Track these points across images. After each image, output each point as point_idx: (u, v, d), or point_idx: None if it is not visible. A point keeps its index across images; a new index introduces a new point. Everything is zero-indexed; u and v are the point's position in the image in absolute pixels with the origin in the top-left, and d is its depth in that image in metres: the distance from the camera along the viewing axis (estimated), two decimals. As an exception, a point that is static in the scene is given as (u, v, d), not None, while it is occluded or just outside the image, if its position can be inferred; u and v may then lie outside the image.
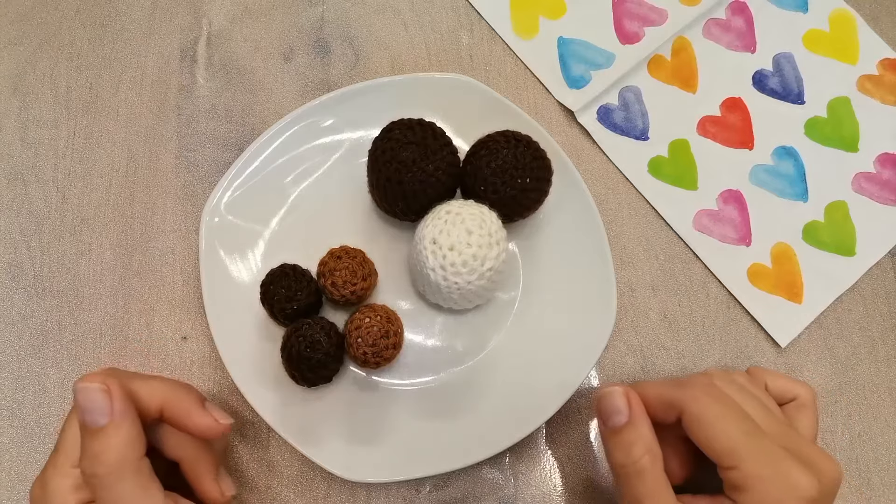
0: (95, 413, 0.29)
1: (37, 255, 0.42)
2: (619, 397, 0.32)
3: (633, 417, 0.31)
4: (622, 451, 0.31)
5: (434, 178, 0.37)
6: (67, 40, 0.46)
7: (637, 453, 0.31)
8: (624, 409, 0.32)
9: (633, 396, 0.32)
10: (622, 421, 0.31)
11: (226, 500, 0.33)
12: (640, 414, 0.32)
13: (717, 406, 0.30)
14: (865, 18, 0.48)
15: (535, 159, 0.37)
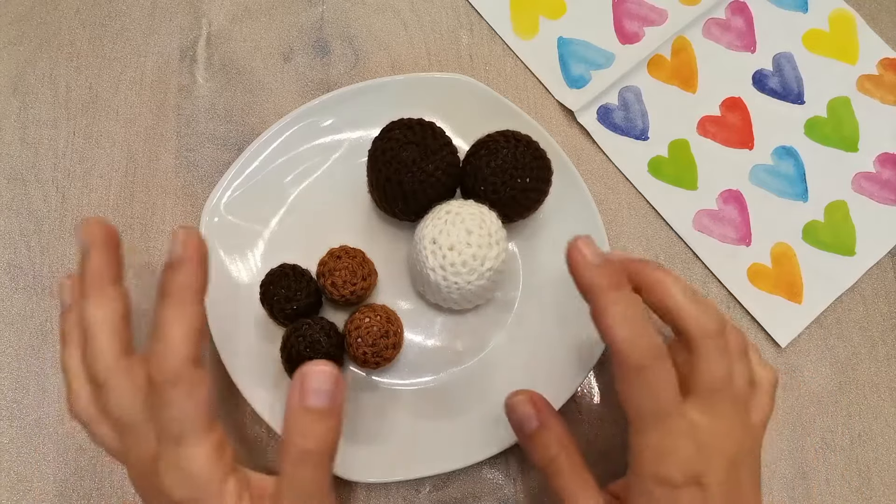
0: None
1: (36, 255, 0.42)
2: (527, 405, 0.33)
3: (542, 420, 0.33)
4: (538, 454, 0.33)
5: (434, 178, 0.37)
6: (67, 40, 0.46)
7: (552, 452, 0.32)
8: (533, 415, 0.33)
9: (539, 400, 0.34)
10: (534, 426, 0.33)
11: None
12: (549, 415, 0.33)
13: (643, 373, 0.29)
14: (865, 18, 0.48)
15: (535, 159, 0.37)
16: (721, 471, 0.29)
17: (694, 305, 0.30)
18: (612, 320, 0.28)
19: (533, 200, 0.38)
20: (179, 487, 0.28)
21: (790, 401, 0.41)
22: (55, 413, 0.40)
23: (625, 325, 0.28)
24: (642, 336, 0.28)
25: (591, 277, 0.29)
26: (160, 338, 0.28)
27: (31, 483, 0.39)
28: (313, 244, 0.39)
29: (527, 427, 0.33)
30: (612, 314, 0.28)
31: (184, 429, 0.28)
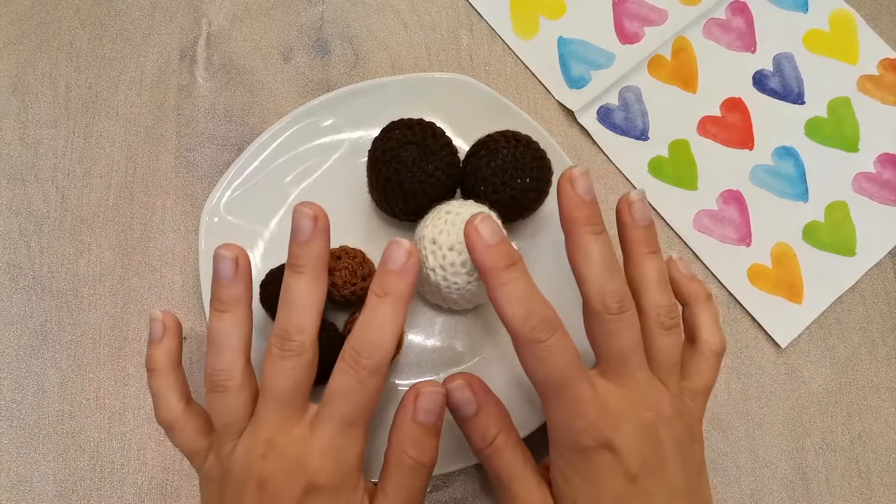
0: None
1: (36, 255, 0.42)
2: (464, 389, 0.33)
3: (480, 404, 0.33)
4: (477, 436, 0.33)
5: (434, 178, 0.37)
6: (67, 40, 0.46)
7: (490, 435, 0.32)
8: (471, 399, 0.33)
9: (477, 383, 0.33)
10: (472, 410, 0.33)
11: None
12: (486, 399, 0.33)
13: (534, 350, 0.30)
14: (865, 18, 0.48)
15: (535, 159, 0.37)
16: (633, 436, 0.29)
17: (600, 277, 0.31)
18: (502, 299, 0.29)
19: (533, 200, 0.38)
20: (329, 471, 0.29)
21: (790, 401, 0.41)
22: (55, 413, 0.40)
23: (512, 303, 0.29)
24: (532, 312, 0.29)
25: (483, 258, 0.30)
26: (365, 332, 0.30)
27: (31, 483, 0.39)
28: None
29: (465, 411, 0.33)
30: (501, 294, 0.29)
31: (357, 417, 0.30)
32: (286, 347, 0.30)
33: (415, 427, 0.31)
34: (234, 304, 0.31)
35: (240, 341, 0.31)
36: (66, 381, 0.40)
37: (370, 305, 0.30)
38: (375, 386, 0.30)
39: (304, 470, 0.29)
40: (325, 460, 0.29)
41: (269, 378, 0.30)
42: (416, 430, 0.31)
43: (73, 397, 0.40)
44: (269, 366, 0.30)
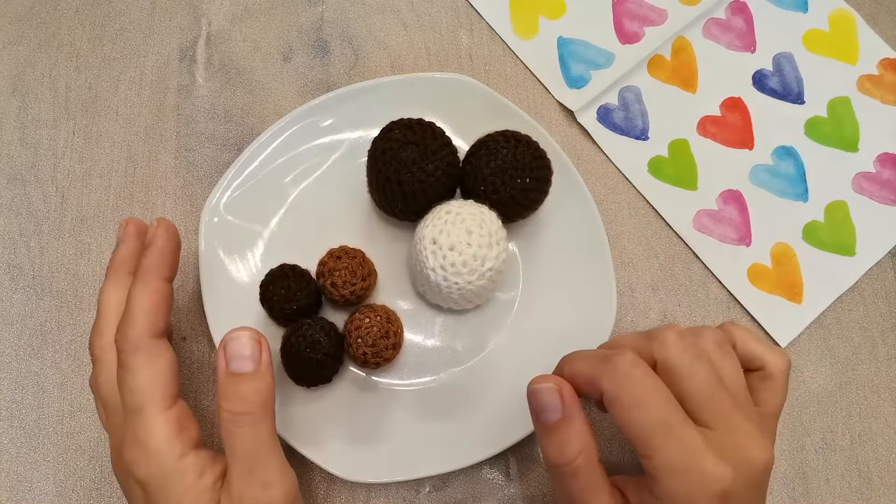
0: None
1: (36, 255, 0.42)
2: (552, 393, 0.30)
3: (566, 413, 0.30)
4: (556, 450, 0.30)
5: (434, 178, 0.37)
6: (67, 40, 0.46)
7: (571, 453, 0.29)
8: (557, 406, 0.30)
9: (567, 390, 0.30)
10: (556, 417, 0.30)
11: None
12: (574, 409, 0.30)
13: (637, 390, 0.28)
14: (865, 18, 0.48)
15: (535, 159, 0.37)
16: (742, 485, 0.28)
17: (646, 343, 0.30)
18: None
19: (533, 200, 0.38)
20: (138, 462, 0.29)
21: (790, 401, 0.41)
22: (55, 413, 0.40)
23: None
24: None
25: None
26: (126, 311, 0.31)
27: (31, 483, 0.39)
28: (313, 244, 0.39)
29: (547, 417, 0.30)
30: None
31: (143, 399, 0.30)
32: (121, 353, 0.31)
33: (228, 378, 0.30)
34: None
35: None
36: (66, 381, 0.40)
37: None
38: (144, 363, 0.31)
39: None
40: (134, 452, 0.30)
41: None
42: (231, 380, 0.30)
43: (73, 397, 0.40)
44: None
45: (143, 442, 0.29)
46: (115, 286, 0.33)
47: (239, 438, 0.30)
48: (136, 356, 0.30)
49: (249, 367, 0.30)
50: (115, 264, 0.34)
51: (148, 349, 0.31)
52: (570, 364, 0.31)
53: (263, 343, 0.31)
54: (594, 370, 0.30)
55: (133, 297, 0.32)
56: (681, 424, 0.28)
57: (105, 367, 0.32)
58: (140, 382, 0.30)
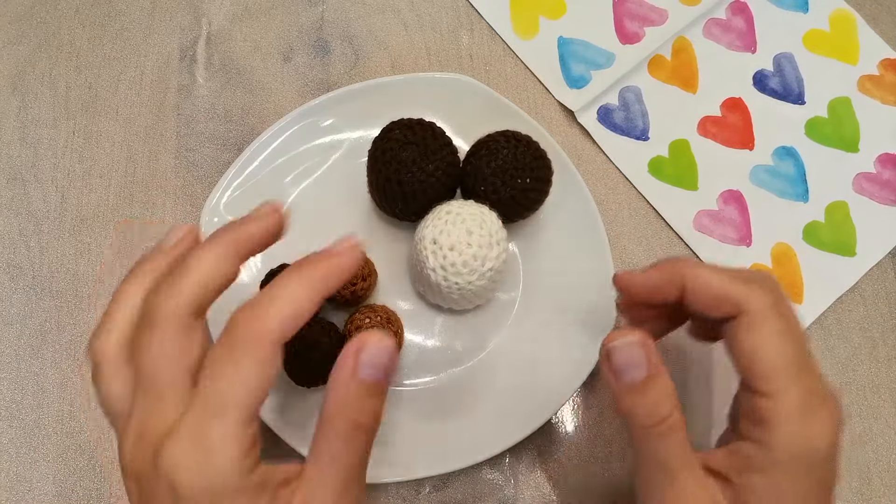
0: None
1: (36, 255, 0.42)
2: (636, 348, 0.28)
3: (654, 370, 0.27)
4: (647, 410, 0.27)
5: (434, 178, 0.37)
6: (67, 40, 0.46)
7: (665, 410, 0.27)
8: (643, 362, 0.27)
9: (650, 346, 0.28)
10: (642, 375, 0.27)
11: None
12: (661, 365, 0.28)
13: (779, 322, 0.27)
14: (866, 18, 0.48)
15: (535, 159, 0.37)
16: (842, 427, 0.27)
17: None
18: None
19: (533, 200, 0.38)
20: (191, 471, 0.23)
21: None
22: (55, 413, 0.40)
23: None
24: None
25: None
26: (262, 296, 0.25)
27: (30, 483, 0.39)
28: (313, 244, 0.39)
29: (632, 376, 0.27)
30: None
31: (227, 404, 0.24)
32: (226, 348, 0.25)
33: (354, 385, 0.26)
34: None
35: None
36: (66, 381, 0.40)
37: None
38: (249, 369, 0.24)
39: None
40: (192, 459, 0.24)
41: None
42: (356, 388, 0.26)
43: (73, 397, 0.40)
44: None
45: (207, 449, 0.23)
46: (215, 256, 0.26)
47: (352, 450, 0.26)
48: (246, 349, 0.24)
49: (382, 377, 0.27)
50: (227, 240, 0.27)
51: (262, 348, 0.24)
52: (698, 273, 0.28)
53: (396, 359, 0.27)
54: (736, 287, 0.28)
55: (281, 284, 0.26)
56: (808, 374, 0.27)
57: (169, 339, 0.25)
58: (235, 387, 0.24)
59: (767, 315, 0.27)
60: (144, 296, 0.26)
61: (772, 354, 0.26)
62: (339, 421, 0.26)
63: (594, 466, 0.40)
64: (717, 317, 0.28)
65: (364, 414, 0.26)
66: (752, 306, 0.27)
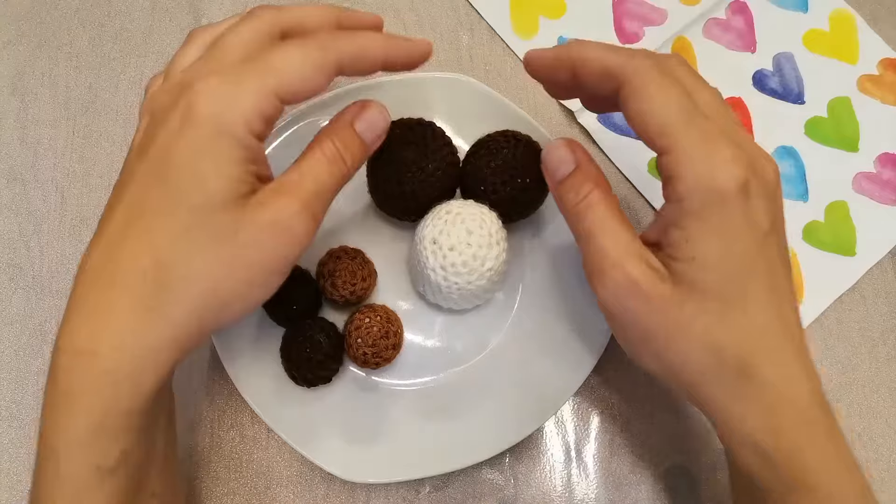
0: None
1: (36, 255, 0.42)
2: (563, 148, 0.32)
3: (580, 163, 0.31)
4: (571, 193, 0.31)
5: (434, 178, 0.37)
6: (66, 40, 0.46)
7: (586, 189, 0.30)
8: (569, 158, 0.31)
9: (577, 146, 0.32)
10: (570, 169, 0.31)
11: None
12: (586, 159, 0.31)
13: (661, 79, 0.28)
14: (865, 18, 0.48)
15: (536, 159, 0.37)
16: (761, 191, 0.28)
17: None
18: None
19: (533, 200, 0.38)
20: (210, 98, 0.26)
21: (790, 401, 0.41)
22: (55, 413, 0.40)
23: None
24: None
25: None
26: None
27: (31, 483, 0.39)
28: (313, 244, 0.39)
29: (562, 171, 0.31)
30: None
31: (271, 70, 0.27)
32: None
33: (348, 130, 0.30)
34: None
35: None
36: (66, 382, 0.40)
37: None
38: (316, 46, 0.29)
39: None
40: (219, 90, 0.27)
41: None
42: (349, 133, 0.30)
43: (72, 397, 0.40)
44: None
45: (235, 90, 0.27)
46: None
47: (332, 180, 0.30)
48: (309, 48, 0.28)
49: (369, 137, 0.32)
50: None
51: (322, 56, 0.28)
52: (584, 49, 0.30)
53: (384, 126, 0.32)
54: (616, 58, 0.29)
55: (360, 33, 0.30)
56: (703, 118, 0.27)
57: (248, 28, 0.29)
58: (288, 59, 0.27)
59: (647, 77, 0.28)
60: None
61: (658, 111, 0.27)
62: (327, 143, 0.30)
63: (595, 467, 0.40)
64: (608, 92, 0.29)
65: (348, 149, 0.30)
66: (630, 72, 0.28)
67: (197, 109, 0.26)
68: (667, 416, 0.40)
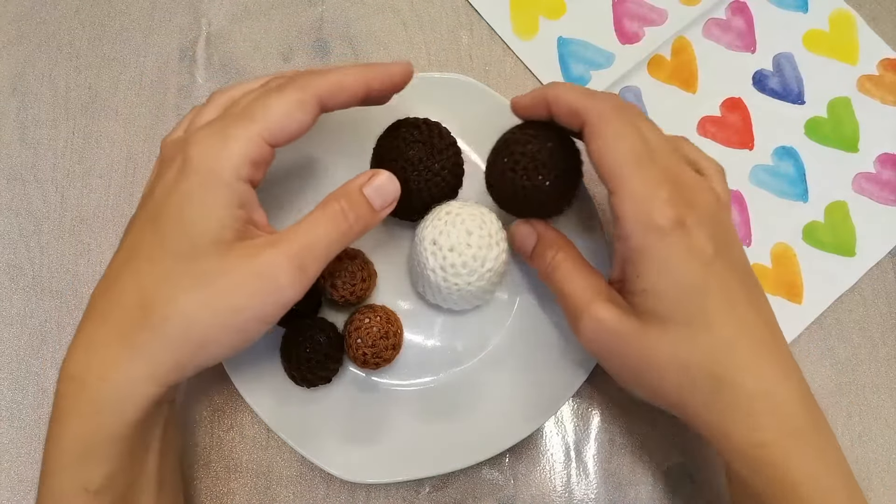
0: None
1: (36, 255, 0.42)
2: (523, 226, 0.36)
3: (540, 234, 0.36)
4: (541, 262, 0.35)
5: (440, 178, 0.36)
6: (66, 40, 0.46)
7: (549, 254, 0.35)
8: (531, 232, 0.36)
9: (536, 221, 0.36)
10: (533, 240, 0.36)
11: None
12: (545, 229, 0.36)
13: (618, 123, 0.30)
14: (865, 18, 0.48)
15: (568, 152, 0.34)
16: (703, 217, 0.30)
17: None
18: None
19: (563, 193, 0.35)
20: (203, 149, 0.29)
21: (790, 401, 0.41)
22: (55, 413, 0.40)
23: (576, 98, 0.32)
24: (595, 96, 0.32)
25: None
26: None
27: (31, 484, 0.39)
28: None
29: (527, 245, 0.36)
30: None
31: (257, 118, 0.30)
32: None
33: (356, 193, 0.32)
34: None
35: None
36: (66, 382, 0.40)
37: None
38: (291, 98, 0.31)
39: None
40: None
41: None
42: (358, 197, 0.32)
43: (72, 397, 0.40)
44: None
45: (224, 139, 0.29)
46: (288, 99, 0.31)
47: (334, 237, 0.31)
48: (294, 92, 0.30)
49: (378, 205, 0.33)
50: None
51: (306, 95, 0.31)
52: (556, 91, 0.33)
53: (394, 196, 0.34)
54: (582, 100, 0.31)
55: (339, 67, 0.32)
56: (648, 163, 0.30)
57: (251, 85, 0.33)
58: (274, 105, 0.30)
59: (606, 120, 0.30)
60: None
61: (612, 154, 0.30)
62: (330, 203, 0.31)
63: (595, 466, 0.40)
64: (576, 128, 0.32)
65: (354, 212, 0.31)
66: (592, 115, 0.31)
67: (189, 159, 0.29)
68: (667, 417, 0.40)
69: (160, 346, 0.28)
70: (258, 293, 0.29)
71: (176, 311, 0.28)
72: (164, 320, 0.28)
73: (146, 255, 0.29)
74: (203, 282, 0.28)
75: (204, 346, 0.29)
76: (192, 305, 0.28)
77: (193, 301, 0.28)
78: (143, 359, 0.28)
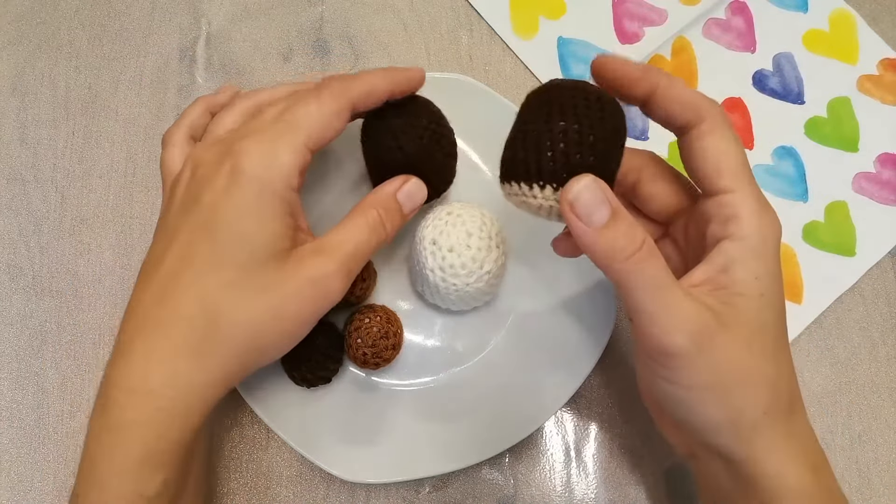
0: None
1: (35, 255, 0.42)
2: (595, 189, 0.27)
3: (616, 207, 0.27)
4: (622, 243, 0.26)
5: (430, 132, 0.35)
6: (66, 40, 0.46)
7: (640, 236, 0.27)
8: (605, 200, 0.27)
9: (603, 183, 0.27)
10: (608, 212, 0.26)
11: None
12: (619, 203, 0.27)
13: (732, 129, 0.30)
14: (865, 18, 0.48)
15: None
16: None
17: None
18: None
19: None
20: (255, 159, 0.30)
21: (790, 401, 0.41)
22: (55, 413, 0.40)
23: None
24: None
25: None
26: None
27: (31, 483, 0.39)
28: (313, 244, 0.39)
29: (599, 217, 0.26)
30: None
31: (301, 126, 0.31)
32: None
33: (392, 200, 0.33)
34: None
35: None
36: (66, 381, 0.40)
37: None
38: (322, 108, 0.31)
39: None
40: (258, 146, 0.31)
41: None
42: (392, 202, 0.33)
43: (72, 397, 0.40)
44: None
45: (274, 149, 0.30)
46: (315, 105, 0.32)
47: (370, 244, 0.33)
48: (331, 98, 0.31)
49: (409, 209, 0.35)
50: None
51: (343, 101, 0.32)
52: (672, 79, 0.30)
53: (421, 201, 0.35)
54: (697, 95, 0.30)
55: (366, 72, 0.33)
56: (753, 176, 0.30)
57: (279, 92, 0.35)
58: (315, 112, 0.31)
59: (723, 122, 0.30)
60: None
61: (734, 154, 0.29)
62: (371, 211, 0.33)
63: (594, 466, 0.40)
64: (677, 122, 0.30)
65: (389, 220, 0.33)
66: (714, 113, 0.29)
67: (241, 169, 0.29)
68: (667, 416, 0.40)
69: (227, 354, 0.30)
70: (314, 299, 0.31)
71: (244, 320, 0.29)
72: (232, 328, 0.29)
73: (206, 266, 0.29)
74: (266, 290, 0.30)
75: (265, 351, 0.31)
76: (258, 313, 0.30)
77: (259, 309, 0.30)
78: (210, 367, 0.29)
